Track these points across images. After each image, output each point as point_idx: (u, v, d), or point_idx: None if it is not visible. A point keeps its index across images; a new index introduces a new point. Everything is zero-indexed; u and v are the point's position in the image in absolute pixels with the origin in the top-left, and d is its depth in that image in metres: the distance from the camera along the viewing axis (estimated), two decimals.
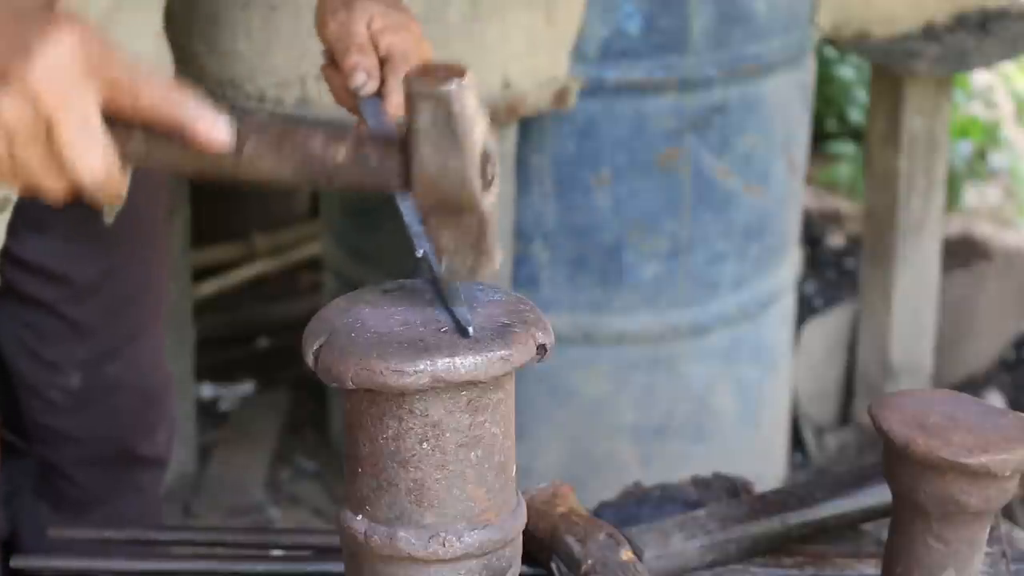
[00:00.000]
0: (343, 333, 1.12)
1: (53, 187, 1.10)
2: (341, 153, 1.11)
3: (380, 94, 1.48)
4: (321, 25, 1.52)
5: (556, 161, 2.80)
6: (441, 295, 1.14)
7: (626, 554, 1.36)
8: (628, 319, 2.91)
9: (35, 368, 1.94)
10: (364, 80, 1.46)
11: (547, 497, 1.43)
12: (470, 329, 1.09)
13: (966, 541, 1.25)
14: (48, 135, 1.07)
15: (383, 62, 1.48)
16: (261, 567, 1.50)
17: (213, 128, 1.09)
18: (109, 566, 1.56)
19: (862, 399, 3.56)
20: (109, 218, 1.84)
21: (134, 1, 1.73)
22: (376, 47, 1.48)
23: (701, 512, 1.46)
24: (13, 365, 1.95)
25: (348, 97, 1.49)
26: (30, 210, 1.77)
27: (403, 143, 1.10)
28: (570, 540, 1.37)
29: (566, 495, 1.45)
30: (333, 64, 1.51)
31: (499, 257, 1.13)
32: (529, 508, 1.39)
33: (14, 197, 1.71)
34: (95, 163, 1.08)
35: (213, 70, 2.52)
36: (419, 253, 1.17)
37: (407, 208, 1.21)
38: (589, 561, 1.35)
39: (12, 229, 1.78)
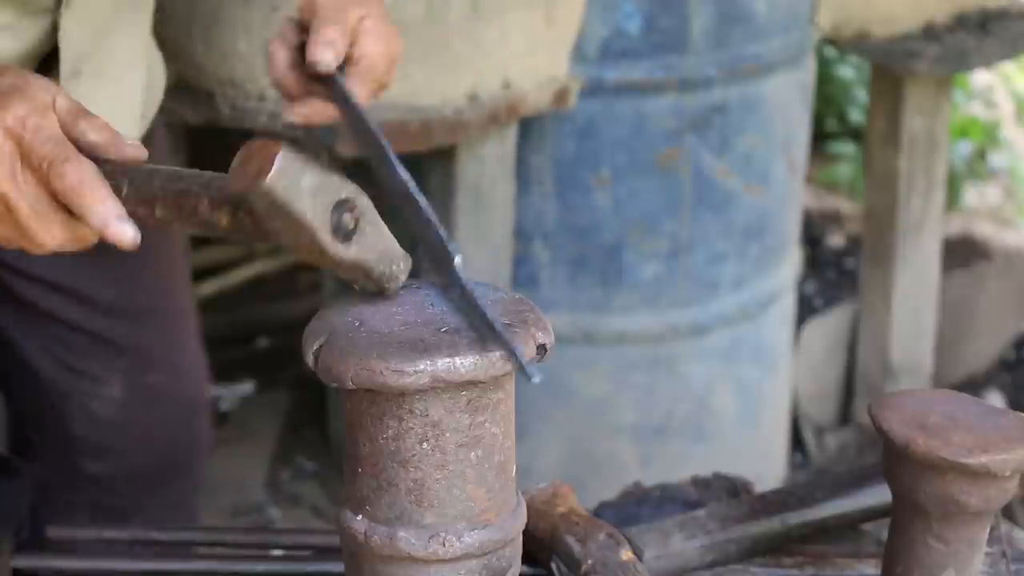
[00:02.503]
0: (343, 333, 1.12)
1: (38, 249, 1.22)
2: (224, 219, 1.17)
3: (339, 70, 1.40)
4: None
5: (556, 161, 2.80)
6: (471, 306, 1.13)
7: (626, 554, 1.36)
8: (628, 319, 2.91)
9: (72, 379, 1.92)
10: (330, 61, 1.37)
11: (547, 497, 1.43)
12: (535, 375, 1.09)
13: (966, 541, 1.25)
14: (9, 214, 1.19)
15: (348, 60, 1.41)
16: (261, 567, 1.50)
17: (117, 233, 1.19)
18: (109, 566, 1.56)
19: (862, 399, 3.56)
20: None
21: (130, 2, 1.72)
22: (352, 43, 1.41)
23: (701, 512, 1.46)
24: (48, 379, 1.93)
25: (288, 76, 1.41)
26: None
27: None
28: (570, 540, 1.37)
29: (566, 495, 1.45)
30: (288, 40, 1.42)
31: (401, 276, 1.18)
32: (529, 508, 1.39)
33: None
34: (54, 235, 1.20)
35: (213, 70, 2.52)
36: (456, 260, 1.16)
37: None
38: (589, 561, 1.35)
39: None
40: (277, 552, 1.61)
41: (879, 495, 1.44)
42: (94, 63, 1.63)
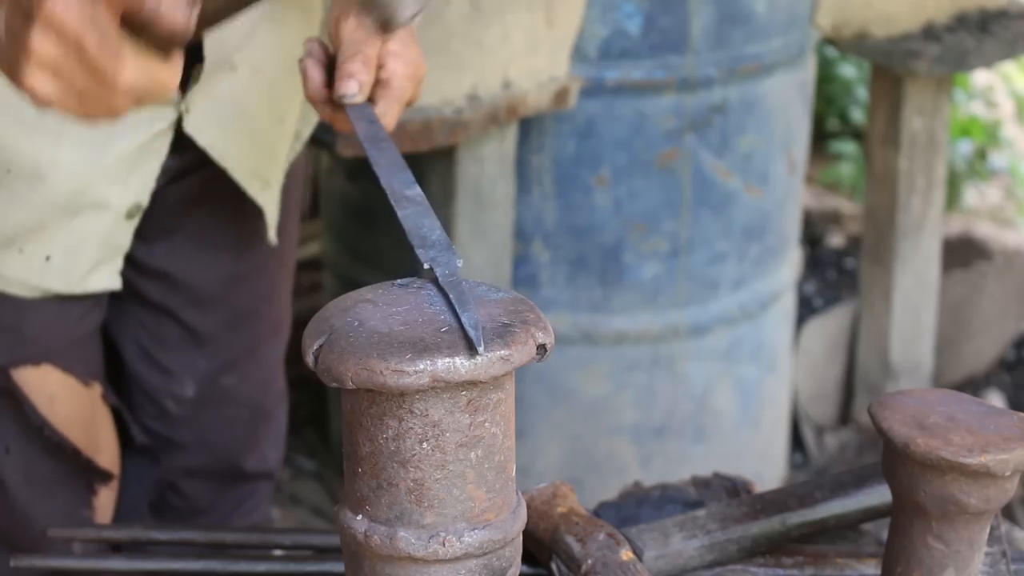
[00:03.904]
0: (343, 333, 1.12)
1: (113, 104, 1.17)
2: None
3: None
4: (338, 19, 1.52)
5: (556, 161, 2.80)
6: (450, 302, 1.14)
7: (626, 554, 1.36)
8: (628, 319, 2.91)
9: (152, 373, 1.93)
10: (354, 93, 1.47)
11: (547, 497, 1.43)
12: (480, 349, 1.08)
13: (966, 541, 1.25)
14: (80, 57, 1.14)
15: (378, 83, 1.50)
16: (261, 567, 1.50)
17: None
18: (109, 566, 1.56)
19: (862, 399, 3.57)
20: (272, 237, 1.85)
21: None
22: (381, 66, 1.50)
23: (701, 512, 1.46)
24: (132, 369, 1.94)
25: (321, 96, 1.50)
26: (161, 216, 1.78)
27: None
28: (570, 540, 1.37)
29: (566, 495, 1.45)
30: (319, 59, 1.50)
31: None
32: (529, 508, 1.39)
33: (144, 204, 1.72)
34: (127, 65, 1.15)
35: None
36: (426, 265, 1.18)
37: (405, 214, 1.24)
38: (589, 561, 1.35)
39: (140, 234, 1.79)
40: (277, 552, 1.61)
41: (879, 495, 1.44)
42: None
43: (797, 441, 3.51)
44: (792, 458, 3.47)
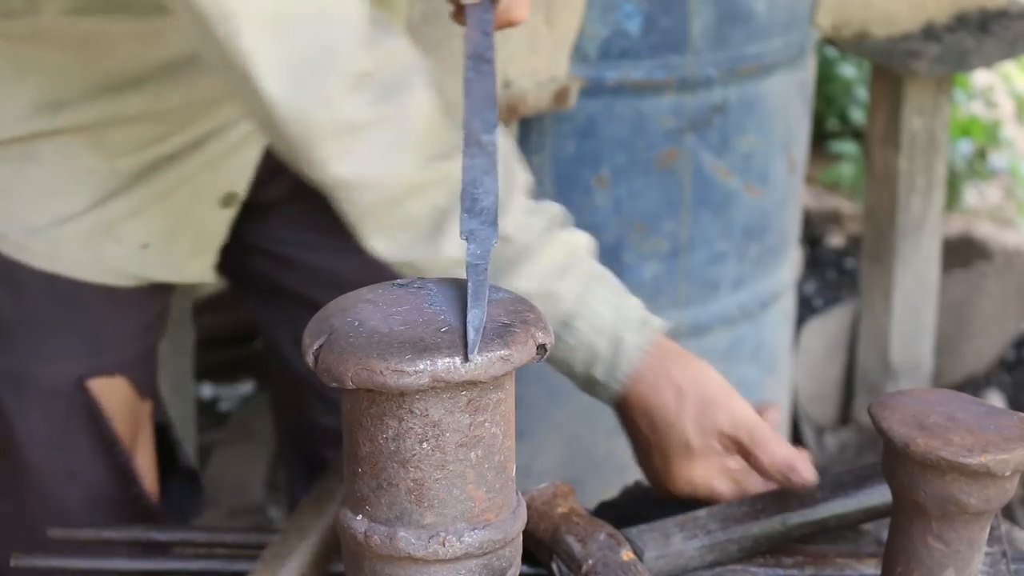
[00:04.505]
0: (343, 333, 1.12)
1: None
2: None
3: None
4: None
5: (556, 161, 2.80)
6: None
7: (627, 554, 1.36)
8: None
9: None
10: None
11: (547, 497, 1.43)
12: (473, 354, 1.06)
13: (966, 541, 1.25)
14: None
15: None
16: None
17: None
18: (109, 565, 1.56)
19: (862, 399, 3.57)
20: None
21: None
22: None
23: (702, 512, 1.46)
24: (296, 368, 1.93)
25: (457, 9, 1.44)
26: (312, 210, 1.74)
27: None
28: (571, 540, 1.37)
29: (566, 495, 1.45)
30: None
31: None
32: (529, 508, 1.39)
33: (240, 194, 1.72)
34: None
35: None
36: (461, 238, 1.15)
37: (468, 165, 1.22)
38: (590, 561, 1.35)
39: (283, 230, 1.80)
40: None
41: (879, 495, 1.44)
42: None
43: (797, 441, 3.52)
44: None
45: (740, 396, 1.54)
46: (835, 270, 4.20)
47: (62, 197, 1.66)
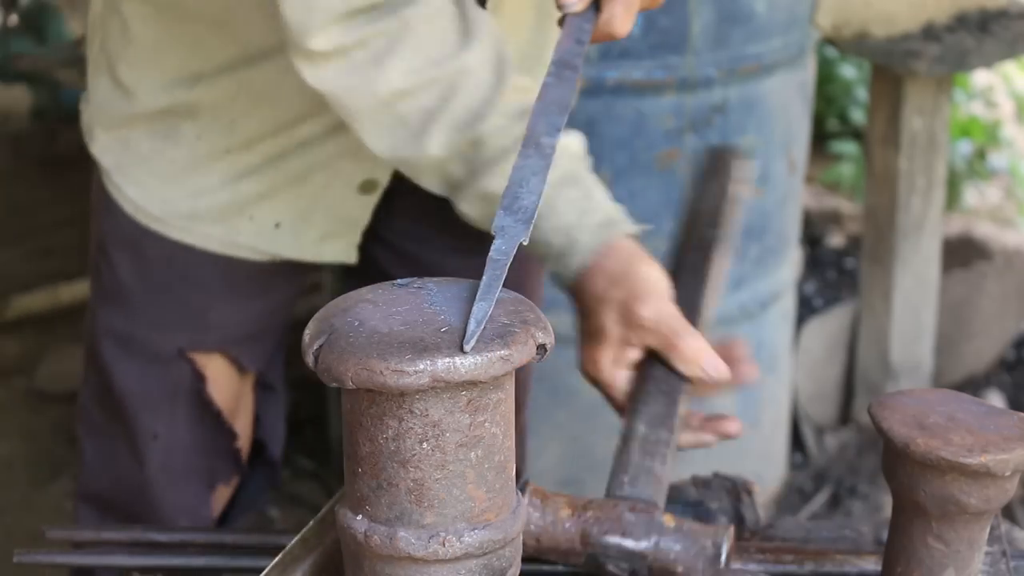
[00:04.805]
0: (343, 333, 1.12)
1: None
2: None
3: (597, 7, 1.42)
4: None
5: None
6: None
7: (667, 519, 1.37)
8: None
9: None
10: (573, 1, 1.40)
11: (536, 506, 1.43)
12: (468, 347, 1.07)
13: (966, 541, 1.25)
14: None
15: None
16: (264, 562, 1.50)
17: None
18: (110, 561, 1.56)
19: (862, 399, 3.56)
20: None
21: None
22: None
23: None
24: None
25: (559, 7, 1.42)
26: (432, 205, 1.73)
27: None
28: (614, 539, 1.37)
29: (545, 495, 1.44)
30: None
31: None
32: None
33: (382, 182, 1.73)
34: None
35: None
36: (492, 231, 1.18)
37: (519, 164, 1.24)
38: (671, 556, 1.34)
39: (402, 219, 1.82)
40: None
41: None
42: None
43: (797, 441, 3.51)
44: (792, 458, 3.47)
45: (671, 301, 1.59)
46: (835, 270, 4.20)
47: (198, 174, 1.71)
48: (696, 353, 1.51)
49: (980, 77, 5.10)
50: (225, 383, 1.83)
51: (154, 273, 1.76)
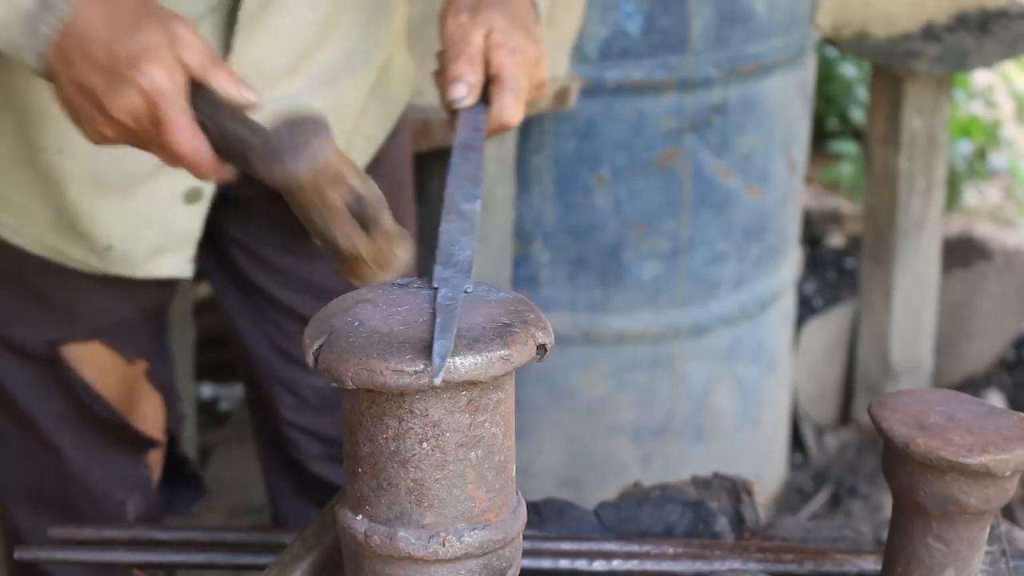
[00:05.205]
0: (343, 333, 1.12)
1: (159, 157, 1.32)
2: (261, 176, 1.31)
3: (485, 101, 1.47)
4: (441, 22, 1.51)
5: (556, 161, 2.80)
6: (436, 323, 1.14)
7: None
8: (628, 319, 2.91)
9: (287, 367, 1.93)
10: (463, 95, 1.46)
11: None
12: (437, 380, 1.07)
13: (966, 541, 1.25)
14: (156, 124, 1.30)
15: (491, 80, 1.47)
16: (264, 559, 1.50)
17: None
18: (111, 558, 1.56)
19: (862, 399, 3.56)
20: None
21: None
22: (488, 63, 1.47)
23: None
24: (263, 363, 1.95)
25: (447, 104, 1.48)
26: (258, 205, 1.78)
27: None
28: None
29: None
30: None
31: (402, 260, 1.30)
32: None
33: (208, 190, 1.72)
34: (192, 152, 1.31)
35: None
36: (435, 285, 1.20)
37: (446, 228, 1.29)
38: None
39: (260, 226, 1.82)
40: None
41: None
42: None
43: (797, 441, 3.51)
44: (792, 458, 3.47)
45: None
46: (835, 270, 4.20)
47: (19, 190, 1.68)
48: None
49: (980, 77, 5.10)
50: (110, 371, 1.81)
51: (11, 270, 1.75)
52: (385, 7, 1.81)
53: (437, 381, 1.07)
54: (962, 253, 3.89)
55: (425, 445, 1.10)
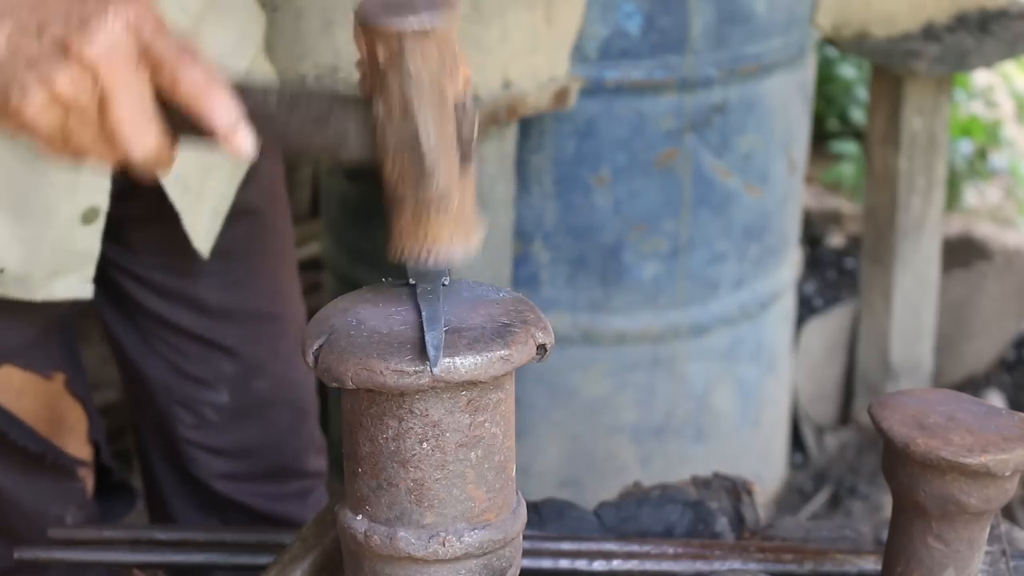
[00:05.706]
0: (343, 333, 1.12)
1: (103, 159, 1.10)
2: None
3: None
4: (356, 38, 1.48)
5: (556, 161, 2.80)
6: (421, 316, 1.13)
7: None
8: (628, 319, 2.91)
9: (184, 385, 1.93)
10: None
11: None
12: (435, 369, 1.07)
13: (966, 541, 1.25)
14: (102, 110, 1.08)
15: None
16: (263, 559, 1.50)
17: (240, 140, 1.11)
18: (112, 558, 1.56)
19: (862, 399, 3.56)
20: (205, 252, 1.83)
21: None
22: None
23: None
24: (158, 383, 1.94)
25: None
26: (170, 231, 1.77)
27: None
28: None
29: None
30: None
31: (478, 237, 1.13)
32: None
33: (102, 207, 1.70)
34: (147, 141, 1.09)
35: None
36: (410, 281, 1.17)
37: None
38: None
39: (141, 248, 1.80)
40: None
41: None
42: None
43: (797, 441, 3.51)
44: (792, 458, 3.47)
45: None
46: (835, 270, 4.20)
47: None
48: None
49: (980, 77, 5.10)
50: (29, 392, 1.78)
51: None
52: (250, 19, 1.80)
53: (436, 371, 1.07)
54: (962, 253, 3.89)
55: (425, 445, 1.10)
